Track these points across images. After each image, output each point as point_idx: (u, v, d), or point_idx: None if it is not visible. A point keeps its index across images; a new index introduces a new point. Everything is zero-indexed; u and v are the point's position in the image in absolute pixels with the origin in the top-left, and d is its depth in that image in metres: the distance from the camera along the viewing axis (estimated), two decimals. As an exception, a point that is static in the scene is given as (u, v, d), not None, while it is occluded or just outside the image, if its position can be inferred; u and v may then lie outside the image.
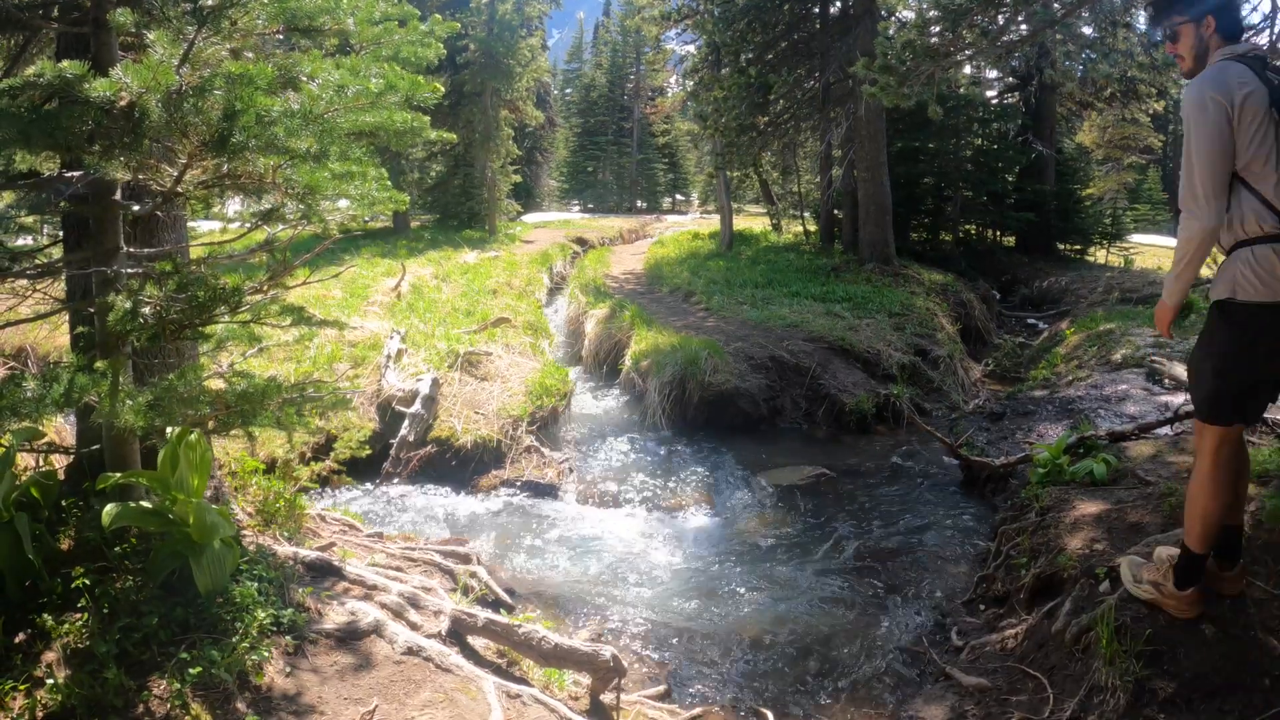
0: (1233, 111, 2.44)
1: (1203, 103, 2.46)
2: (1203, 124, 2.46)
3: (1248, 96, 2.43)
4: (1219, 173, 2.47)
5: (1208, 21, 2.58)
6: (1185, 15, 2.61)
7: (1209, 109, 2.45)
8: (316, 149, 2.49)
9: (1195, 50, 2.63)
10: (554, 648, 3.14)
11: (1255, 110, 2.44)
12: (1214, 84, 2.47)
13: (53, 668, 2.46)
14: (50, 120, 2.29)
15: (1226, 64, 2.51)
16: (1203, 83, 2.50)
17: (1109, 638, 2.85)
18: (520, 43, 22.57)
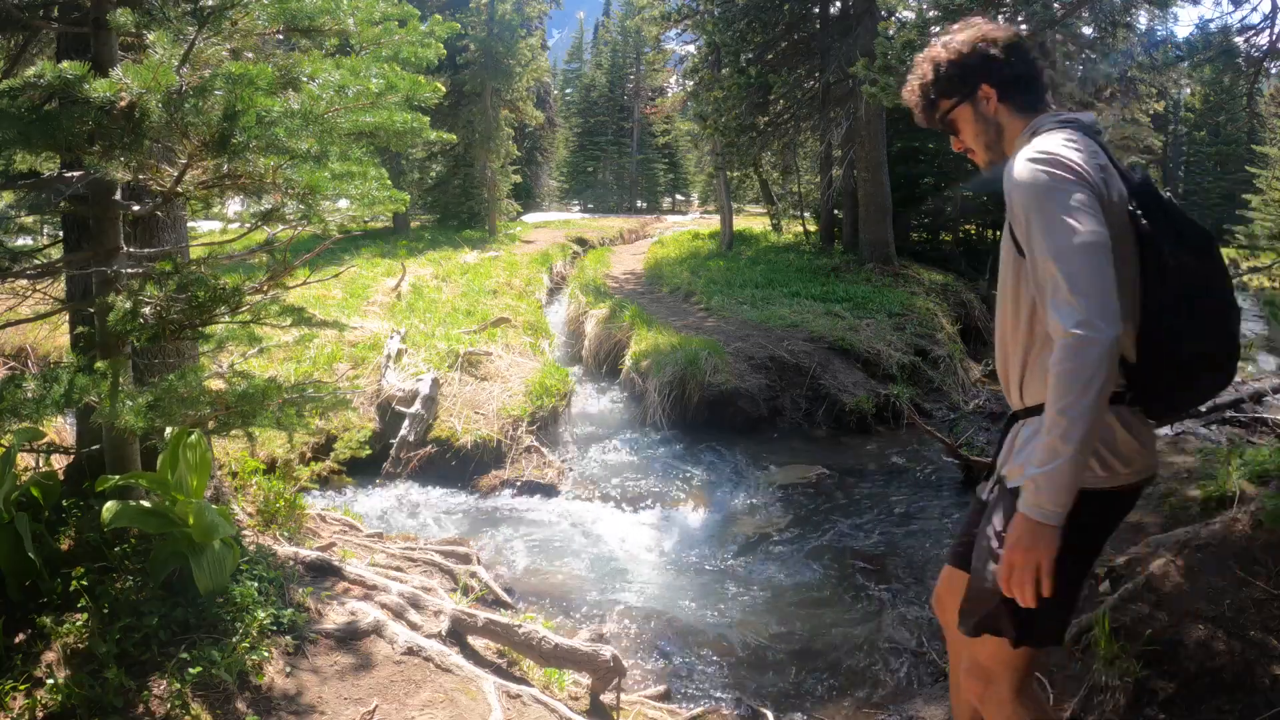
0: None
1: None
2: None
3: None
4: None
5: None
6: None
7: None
8: (317, 149, 2.49)
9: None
10: (554, 648, 3.14)
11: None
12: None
13: (53, 668, 2.46)
14: (50, 120, 2.29)
15: (1064, 130, 1.79)
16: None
17: (1109, 638, 2.85)
18: (520, 43, 22.58)
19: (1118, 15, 10.88)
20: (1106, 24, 11.26)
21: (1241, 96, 28.60)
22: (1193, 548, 3.18)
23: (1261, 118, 25.21)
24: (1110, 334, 1.52)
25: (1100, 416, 1.54)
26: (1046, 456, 1.57)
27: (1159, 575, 3.07)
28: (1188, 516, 3.79)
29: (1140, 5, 10.61)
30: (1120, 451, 1.73)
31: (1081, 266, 1.56)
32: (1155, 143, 31.78)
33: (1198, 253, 1.68)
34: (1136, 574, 3.18)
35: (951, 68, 1.88)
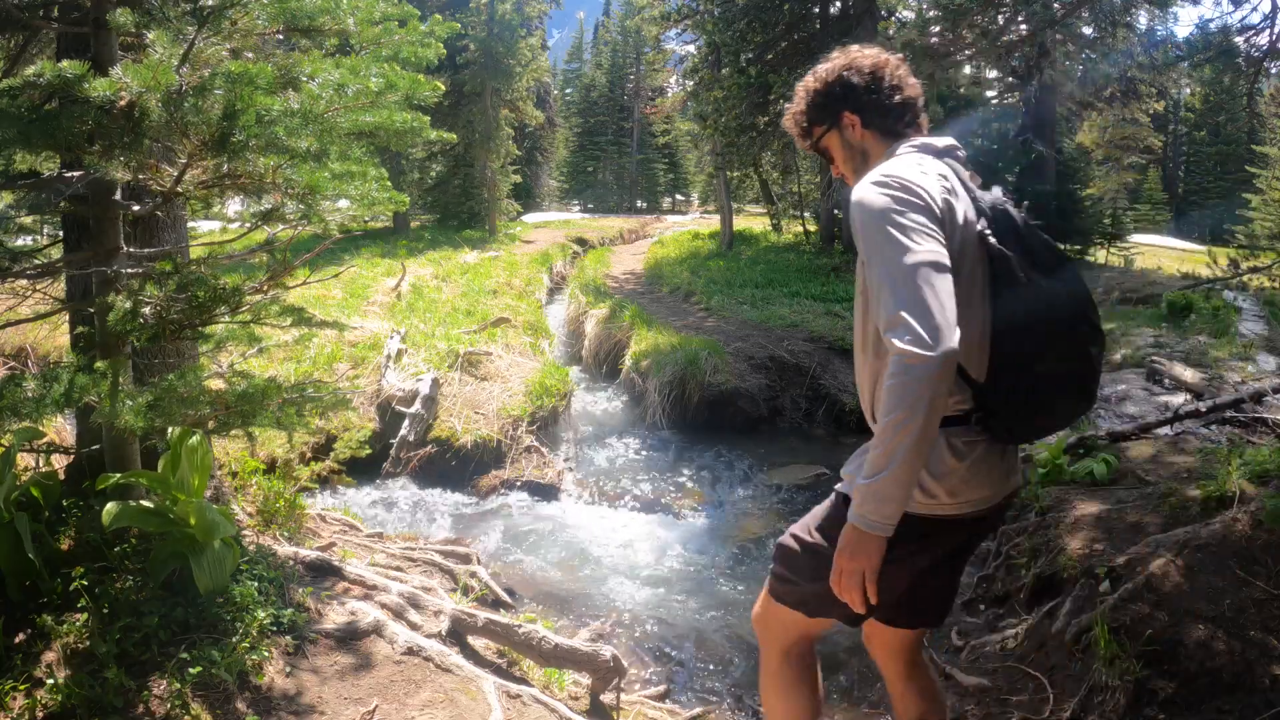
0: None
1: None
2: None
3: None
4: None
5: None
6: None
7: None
8: (316, 149, 2.49)
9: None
10: (554, 648, 3.14)
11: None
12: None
13: (53, 668, 2.46)
14: (50, 120, 2.29)
15: (915, 155, 1.80)
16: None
17: (1108, 638, 2.85)
18: (520, 43, 22.58)
19: (1118, 15, 10.88)
20: (1106, 24, 11.26)
21: (1241, 96, 28.59)
22: (1193, 548, 3.18)
23: (1261, 118, 25.20)
24: (939, 352, 1.51)
25: (929, 434, 1.55)
26: (872, 469, 1.58)
27: (1159, 575, 3.07)
28: (1188, 516, 3.79)
29: (1140, 5, 10.61)
30: (944, 479, 1.71)
31: (913, 285, 1.55)
32: (1155, 143, 31.79)
33: (1050, 273, 1.68)
34: (1136, 574, 3.18)
35: (818, 96, 1.92)
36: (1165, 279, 15.59)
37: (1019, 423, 1.72)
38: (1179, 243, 30.22)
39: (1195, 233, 35.30)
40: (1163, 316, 10.48)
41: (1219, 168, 41.34)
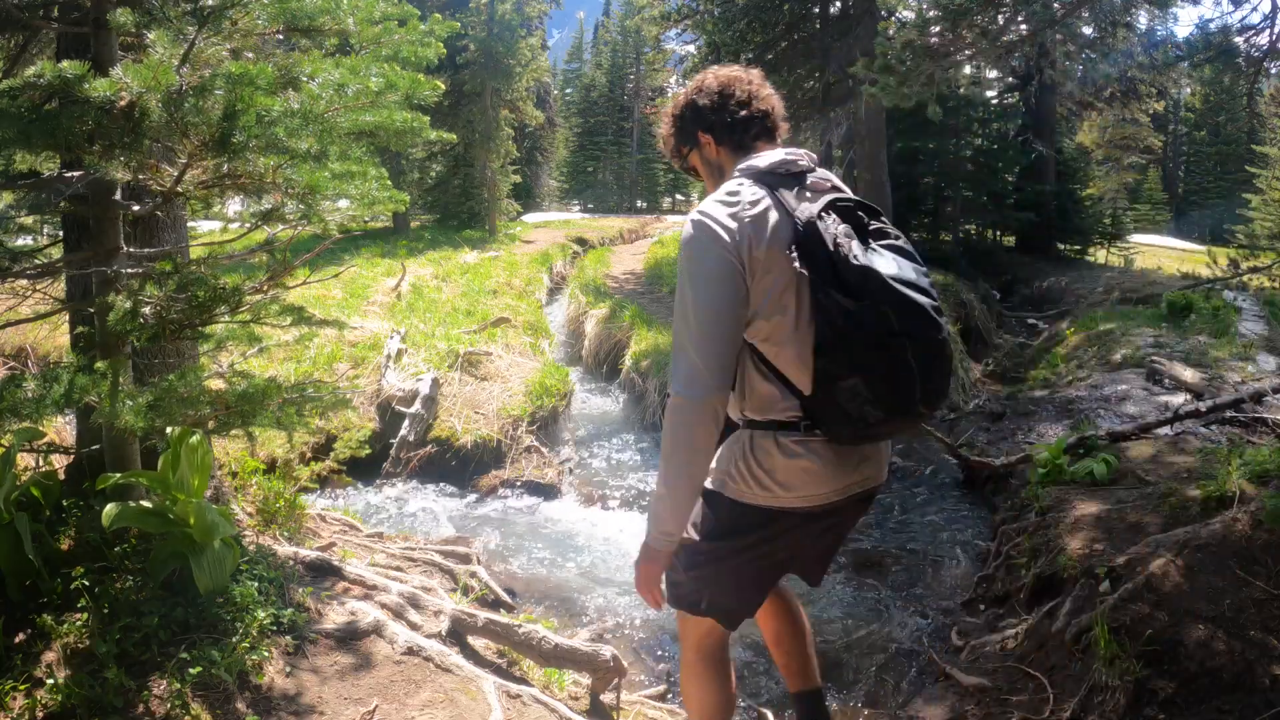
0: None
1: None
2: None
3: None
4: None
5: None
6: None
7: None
8: (316, 149, 2.49)
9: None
10: (554, 648, 3.14)
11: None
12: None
13: (53, 668, 2.46)
14: (50, 120, 2.29)
15: (737, 184, 1.89)
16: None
17: (1108, 638, 2.85)
18: (520, 43, 22.58)
19: (1118, 15, 10.88)
20: (1106, 24, 11.26)
21: (1241, 96, 28.63)
22: (1193, 548, 3.18)
23: (1261, 118, 25.20)
24: (700, 399, 1.74)
25: (695, 468, 1.79)
26: (653, 495, 1.86)
27: (1159, 575, 3.07)
28: (1188, 516, 3.79)
29: (1140, 5, 10.60)
30: (778, 476, 1.86)
31: (693, 332, 1.76)
32: (1155, 143, 31.79)
33: (855, 294, 1.73)
34: (1136, 574, 3.18)
35: (677, 121, 2.06)
36: (1165, 279, 15.59)
37: (841, 430, 1.83)
38: (1179, 243, 30.22)
39: (1195, 233, 35.30)
40: (1163, 316, 10.49)
41: (1219, 168, 41.33)
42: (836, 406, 1.79)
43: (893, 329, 1.73)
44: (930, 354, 1.77)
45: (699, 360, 1.75)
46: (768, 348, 1.84)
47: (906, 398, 1.77)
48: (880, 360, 1.74)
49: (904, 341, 1.74)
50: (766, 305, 1.80)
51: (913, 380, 1.75)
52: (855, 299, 1.73)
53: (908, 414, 1.81)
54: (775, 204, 1.83)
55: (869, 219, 1.87)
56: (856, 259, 1.75)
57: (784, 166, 1.90)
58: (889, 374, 1.75)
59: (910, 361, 1.75)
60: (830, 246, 1.76)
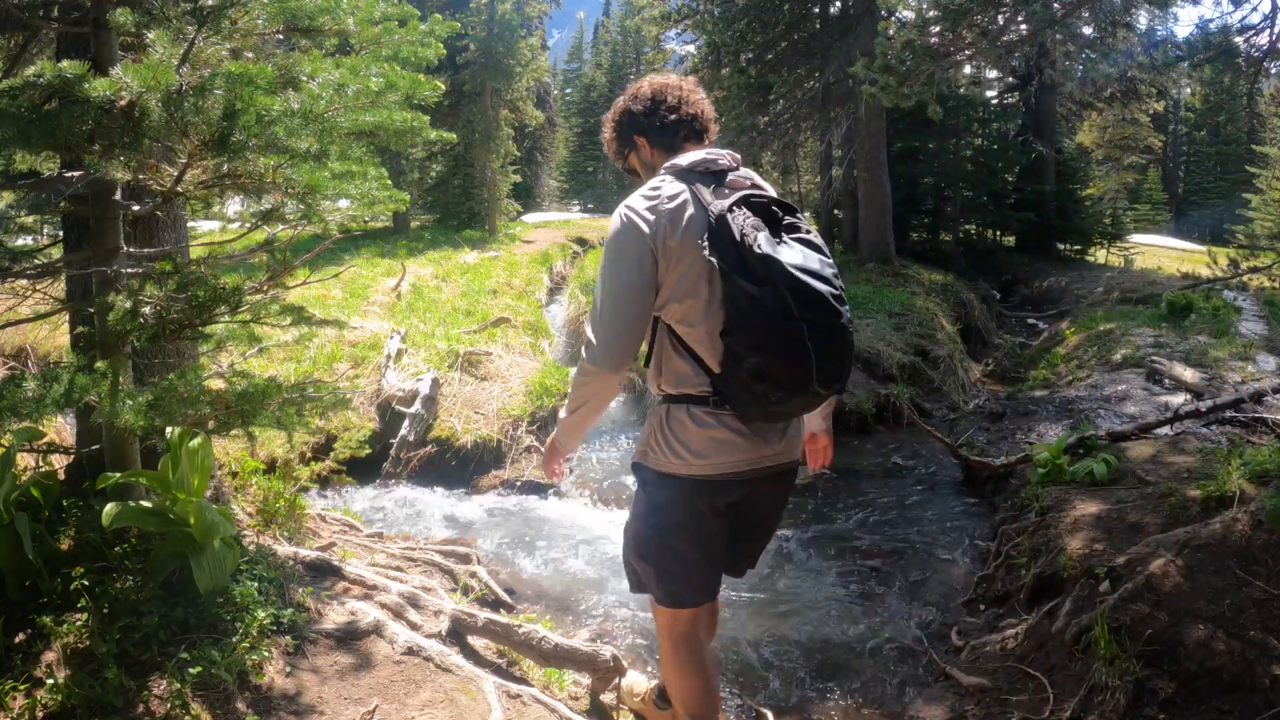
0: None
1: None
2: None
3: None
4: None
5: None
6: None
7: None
8: (316, 148, 2.49)
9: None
10: (554, 648, 3.13)
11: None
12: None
13: (53, 668, 2.46)
14: (50, 120, 2.29)
15: (660, 180, 2.10)
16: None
17: (1108, 638, 2.85)
18: (520, 43, 22.56)
19: (1118, 15, 10.88)
20: (1106, 24, 11.26)
21: (1241, 96, 28.59)
22: (1193, 548, 3.18)
23: (1261, 118, 25.21)
24: (604, 369, 2.03)
25: (588, 416, 2.16)
26: (561, 419, 2.22)
27: (1159, 575, 3.07)
28: (1188, 516, 3.79)
29: (1140, 5, 10.60)
30: (691, 446, 2.08)
31: (606, 311, 2.01)
32: (1155, 143, 31.78)
33: (759, 282, 1.90)
34: (1136, 574, 3.18)
35: (616, 127, 2.30)
36: (1165, 279, 15.60)
37: (745, 406, 2.02)
38: (1179, 243, 30.23)
39: (1195, 233, 35.31)
40: (1163, 316, 10.49)
41: (1219, 168, 41.32)
42: (741, 383, 1.97)
43: (791, 312, 1.88)
44: (827, 337, 1.92)
45: (608, 334, 2.00)
46: (682, 328, 2.04)
47: (803, 377, 1.92)
48: (779, 341, 1.90)
49: (801, 325, 1.89)
50: (681, 289, 1.99)
51: (809, 361, 1.90)
52: (758, 285, 1.89)
53: (804, 392, 1.96)
54: (693, 198, 2.02)
55: (783, 214, 2.04)
56: (760, 248, 1.91)
57: (704, 165, 2.09)
58: (787, 354, 1.91)
59: (807, 343, 1.89)
60: (738, 237, 1.93)
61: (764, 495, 2.25)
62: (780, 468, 2.19)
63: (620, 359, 2.01)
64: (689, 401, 2.09)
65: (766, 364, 1.93)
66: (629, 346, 2.02)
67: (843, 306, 1.96)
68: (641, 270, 1.99)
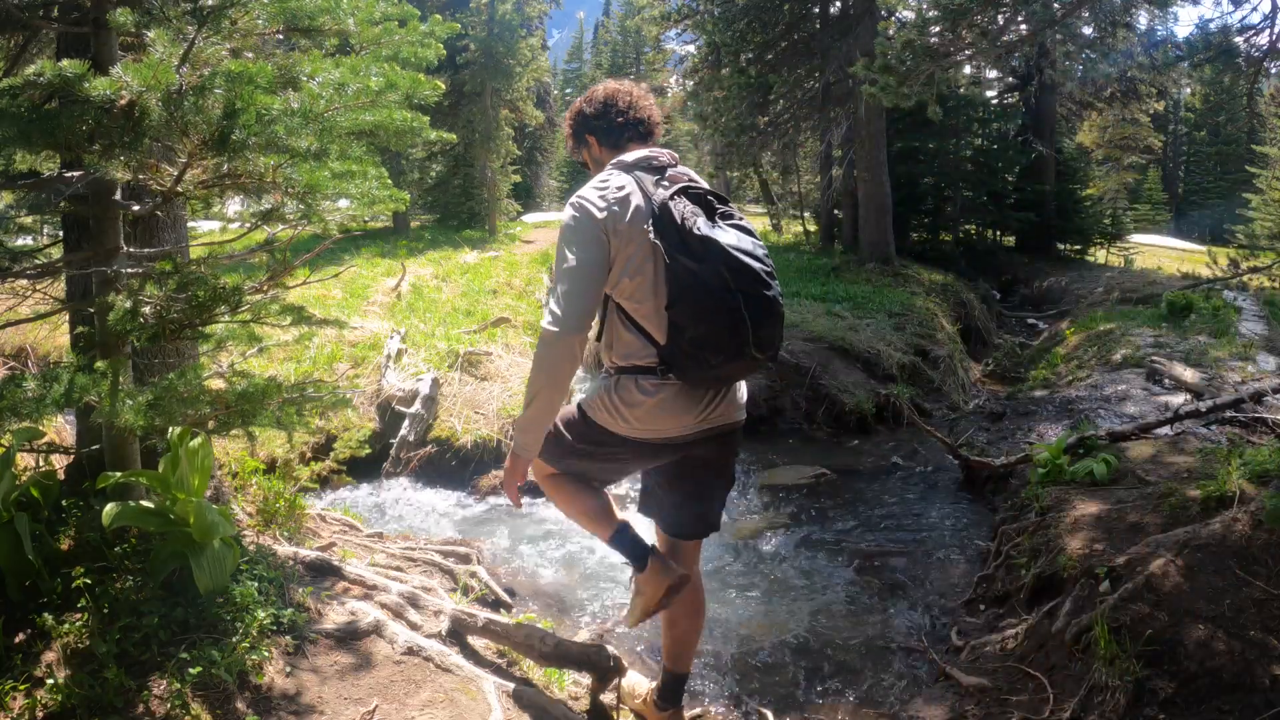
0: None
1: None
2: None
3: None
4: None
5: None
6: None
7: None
8: (317, 148, 2.49)
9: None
10: (554, 648, 3.13)
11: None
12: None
13: (53, 668, 2.46)
14: (50, 120, 2.28)
15: (608, 173, 2.34)
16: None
17: (1108, 638, 2.85)
18: (520, 43, 22.56)
19: (1118, 15, 10.88)
20: (1106, 24, 11.26)
21: (1241, 96, 28.62)
22: (1193, 548, 3.18)
23: (1261, 118, 25.22)
24: (566, 336, 2.18)
25: (555, 389, 2.24)
26: (522, 410, 2.31)
27: (1159, 575, 3.07)
28: (1188, 516, 3.79)
29: (1140, 5, 10.60)
30: (636, 413, 2.31)
31: (564, 284, 2.20)
32: (1155, 143, 31.78)
33: (699, 259, 2.14)
34: (1136, 574, 3.18)
35: (571, 124, 2.55)
36: (1165, 279, 15.60)
37: (689, 373, 2.24)
38: (1179, 243, 30.22)
39: (1195, 233, 35.31)
40: (1163, 316, 10.49)
41: (1219, 168, 41.33)
42: (685, 352, 2.19)
43: (729, 286, 2.13)
44: (761, 308, 2.16)
45: (568, 307, 2.17)
46: (630, 304, 2.27)
47: (741, 344, 2.16)
48: (718, 312, 2.13)
49: (738, 297, 2.13)
50: (630, 267, 2.22)
51: (745, 329, 2.14)
52: (699, 262, 2.14)
53: (742, 357, 2.19)
54: (638, 189, 2.27)
55: (718, 204, 2.29)
56: (699, 230, 2.16)
57: (646, 161, 2.35)
58: (726, 324, 2.14)
59: (744, 313, 2.14)
60: (679, 221, 2.17)
61: (708, 453, 2.47)
62: (721, 429, 2.41)
63: (581, 322, 2.19)
64: (637, 372, 2.30)
65: (708, 333, 2.15)
66: (588, 311, 2.21)
67: (773, 281, 2.21)
68: (598, 248, 2.20)
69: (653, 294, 2.23)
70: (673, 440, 2.37)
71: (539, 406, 2.26)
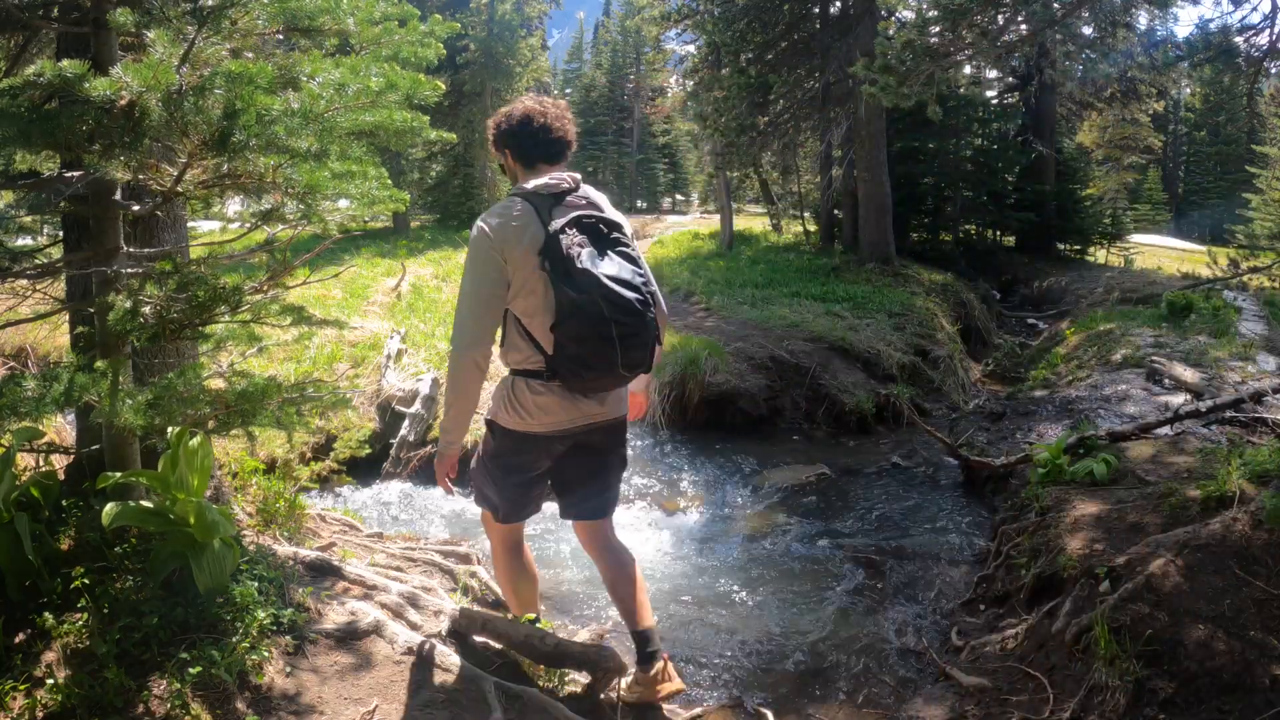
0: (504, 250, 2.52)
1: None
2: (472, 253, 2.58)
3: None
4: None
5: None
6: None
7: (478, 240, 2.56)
8: (317, 148, 2.49)
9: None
10: (554, 648, 3.13)
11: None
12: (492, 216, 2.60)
13: (53, 668, 2.46)
14: (50, 120, 2.29)
15: (509, 200, 2.61)
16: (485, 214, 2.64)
17: (1108, 638, 2.85)
18: (520, 43, 22.59)
19: (1118, 15, 10.88)
20: (1106, 24, 11.27)
21: (1241, 96, 28.63)
22: (1193, 548, 3.18)
23: (1261, 118, 25.23)
24: (466, 354, 2.55)
25: (464, 399, 2.64)
26: (443, 420, 2.75)
27: (1159, 575, 3.07)
28: (1188, 516, 3.79)
29: (1140, 5, 10.60)
30: (529, 409, 2.65)
31: (464, 307, 2.56)
32: (1155, 143, 31.78)
33: (580, 290, 2.44)
34: (1136, 574, 3.18)
35: (492, 134, 2.80)
36: (1165, 279, 15.59)
37: (569, 381, 2.59)
38: (1179, 243, 30.22)
39: (1195, 233, 35.32)
40: (1163, 316, 10.48)
41: (1219, 168, 41.32)
42: (565, 364, 2.53)
43: (603, 315, 2.44)
44: (631, 334, 2.49)
45: (466, 328, 2.54)
46: (525, 319, 2.58)
47: (611, 363, 2.50)
48: (594, 338, 2.46)
49: (611, 325, 2.45)
50: (524, 290, 2.53)
51: (615, 351, 2.48)
52: (579, 292, 2.43)
53: (612, 374, 2.55)
54: (535, 218, 2.53)
55: (609, 231, 2.57)
56: (581, 263, 2.45)
57: (547, 189, 2.59)
58: (599, 345, 2.47)
59: (614, 338, 2.46)
60: (565, 253, 2.45)
61: (594, 443, 2.82)
62: (604, 424, 2.78)
63: (477, 340, 2.55)
64: (528, 375, 2.64)
65: (584, 352, 2.49)
66: (486, 329, 2.57)
67: (647, 310, 2.53)
68: (495, 270, 2.52)
69: (542, 312, 2.54)
70: (565, 431, 2.71)
71: (453, 417, 2.69)
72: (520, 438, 2.71)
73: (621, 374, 2.55)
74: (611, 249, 2.55)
